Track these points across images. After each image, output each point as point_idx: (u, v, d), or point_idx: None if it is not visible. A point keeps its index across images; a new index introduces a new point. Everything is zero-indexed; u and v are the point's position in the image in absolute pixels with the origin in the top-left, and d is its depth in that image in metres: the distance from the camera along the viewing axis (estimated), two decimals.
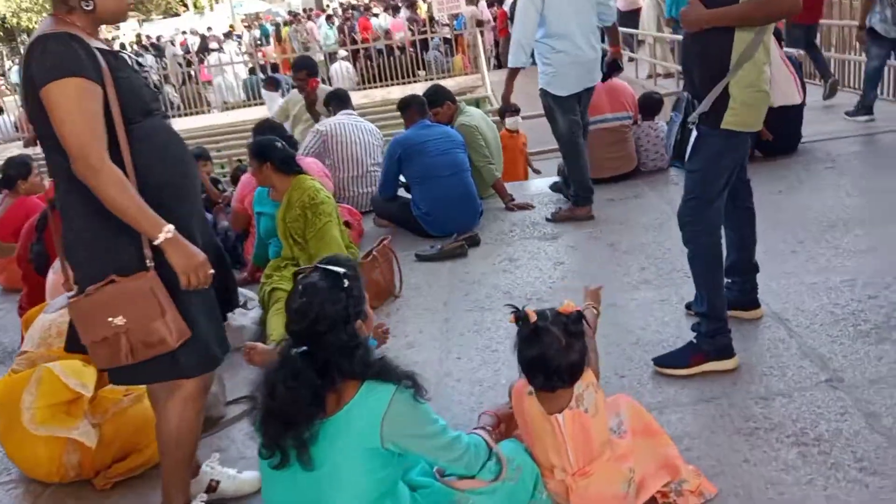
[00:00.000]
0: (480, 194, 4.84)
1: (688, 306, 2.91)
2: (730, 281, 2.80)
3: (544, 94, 4.19)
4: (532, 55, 4.18)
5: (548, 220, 4.40)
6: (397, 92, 13.93)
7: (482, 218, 4.54)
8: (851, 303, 2.80)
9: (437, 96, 4.82)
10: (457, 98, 4.94)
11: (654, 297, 3.14)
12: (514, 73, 4.24)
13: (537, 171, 6.29)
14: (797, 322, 2.72)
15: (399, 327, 3.22)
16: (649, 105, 5.08)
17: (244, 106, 14.39)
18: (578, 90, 4.14)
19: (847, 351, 2.48)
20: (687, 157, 2.55)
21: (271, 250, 3.76)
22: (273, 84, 8.94)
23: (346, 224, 4.41)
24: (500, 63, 13.89)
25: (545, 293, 3.35)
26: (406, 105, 4.57)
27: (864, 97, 5.76)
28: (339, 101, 5.31)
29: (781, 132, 4.71)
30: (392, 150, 4.39)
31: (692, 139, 2.52)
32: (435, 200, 4.29)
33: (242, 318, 3.31)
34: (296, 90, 5.78)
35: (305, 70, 5.52)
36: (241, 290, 3.65)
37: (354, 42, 14.92)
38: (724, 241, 2.61)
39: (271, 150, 3.56)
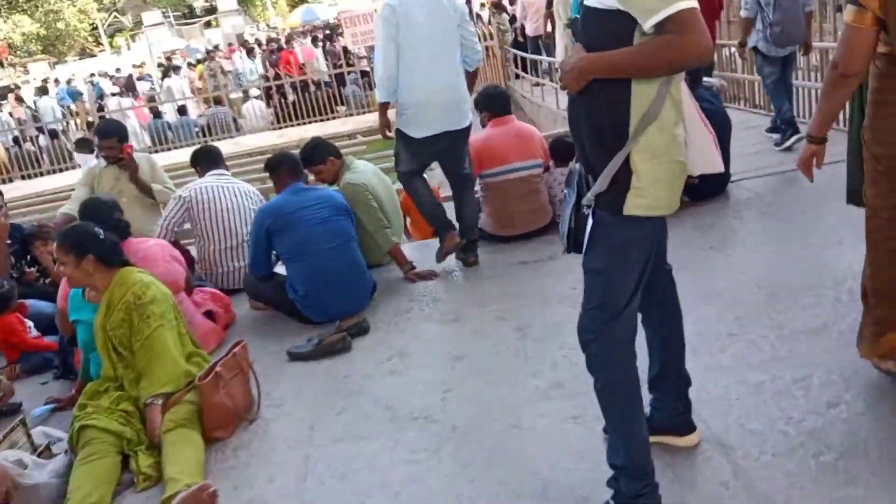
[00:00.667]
0: (377, 262, 4.20)
1: (605, 430, 2.27)
2: (654, 398, 2.18)
3: (398, 133, 3.85)
4: None
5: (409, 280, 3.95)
6: (314, 130, 13.21)
7: (376, 293, 3.85)
8: (808, 416, 2.21)
9: (317, 152, 4.13)
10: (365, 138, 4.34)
11: (567, 410, 2.49)
12: (384, 107, 3.86)
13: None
14: (743, 450, 2.10)
15: (243, 473, 2.48)
16: (561, 150, 4.50)
17: (150, 152, 13.39)
18: (436, 132, 3.76)
19: (810, 498, 1.87)
20: (584, 250, 1.93)
21: (93, 367, 2.99)
22: (86, 146, 7.35)
23: (208, 314, 3.68)
24: None
25: (435, 408, 2.66)
26: (275, 165, 3.86)
27: (779, 114, 5.46)
28: (208, 159, 4.56)
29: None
30: (259, 221, 3.67)
31: (588, 226, 1.90)
32: (313, 279, 3.57)
33: (38, 471, 2.50)
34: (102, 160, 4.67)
35: (116, 136, 4.56)
36: (44, 429, 2.86)
37: (278, 77, 14.14)
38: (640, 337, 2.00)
39: (93, 239, 2.82)
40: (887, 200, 2.19)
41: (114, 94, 15.32)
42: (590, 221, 1.88)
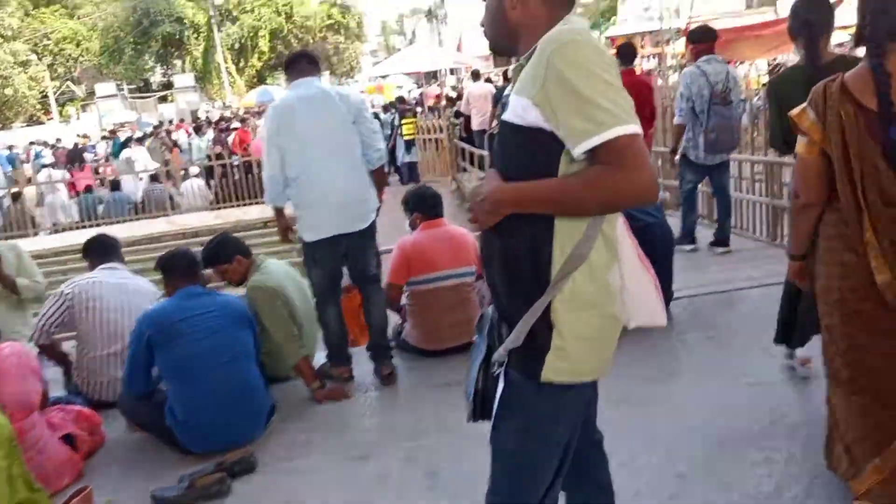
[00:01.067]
0: (286, 375, 3.70)
1: None
2: None
3: (300, 239, 3.60)
4: None
5: (316, 401, 3.50)
6: (255, 212, 12.75)
7: (275, 416, 3.34)
8: None
9: (222, 250, 3.69)
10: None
11: None
12: (276, 211, 3.70)
13: None
14: None
15: None
16: None
17: (77, 227, 12.69)
18: (333, 234, 3.49)
19: None
20: (493, 420, 1.52)
21: None
22: None
23: (67, 440, 3.10)
24: None
25: None
26: (169, 265, 3.38)
27: (683, 221, 5.53)
28: (100, 250, 4.05)
29: None
30: (138, 330, 3.16)
31: (499, 390, 1.50)
32: (195, 403, 3.05)
33: None
34: None
35: None
36: None
37: (220, 157, 13.75)
38: None
39: None
40: (845, 328, 2.05)
41: (45, 166, 14.64)
42: (501, 384, 1.48)
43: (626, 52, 6.32)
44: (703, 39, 5.27)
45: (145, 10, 32.70)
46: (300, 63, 3.55)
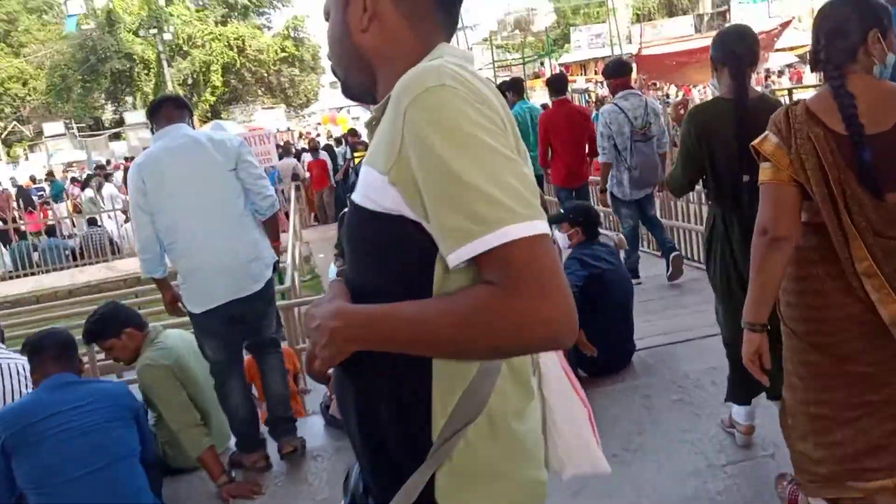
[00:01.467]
0: (191, 465, 3.16)
1: None
2: None
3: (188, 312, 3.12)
4: None
5: (223, 500, 2.98)
6: None
7: None
8: None
9: (108, 322, 3.13)
10: None
11: None
12: (159, 283, 3.18)
13: (305, 391, 4.62)
14: None
15: None
16: None
17: (11, 277, 11.90)
18: (223, 301, 2.99)
19: None
20: None
21: None
22: None
23: None
24: (318, 218, 12.59)
25: None
26: (36, 347, 2.80)
27: (627, 260, 5.25)
28: None
29: (609, 343, 3.51)
30: None
31: None
32: None
33: None
34: None
35: None
36: None
37: None
38: None
39: None
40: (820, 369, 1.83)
41: None
42: None
43: (557, 82, 6.09)
44: (615, 74, 5.11)
45: (92, 47, 31.94)
46: (165, 108, 3.08)
